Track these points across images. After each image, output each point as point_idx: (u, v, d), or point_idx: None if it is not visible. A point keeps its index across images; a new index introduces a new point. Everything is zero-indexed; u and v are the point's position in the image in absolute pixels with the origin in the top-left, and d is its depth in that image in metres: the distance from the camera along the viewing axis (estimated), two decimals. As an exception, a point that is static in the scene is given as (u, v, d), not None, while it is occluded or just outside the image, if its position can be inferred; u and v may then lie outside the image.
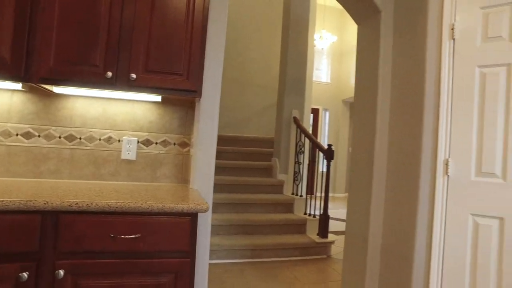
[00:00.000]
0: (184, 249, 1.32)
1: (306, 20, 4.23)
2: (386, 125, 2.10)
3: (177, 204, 1.30)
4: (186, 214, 1.33)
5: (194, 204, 1.32)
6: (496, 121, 1.69)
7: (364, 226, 2.12)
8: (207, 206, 1.33)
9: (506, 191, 1.65)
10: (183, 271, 1.32)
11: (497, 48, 1.69)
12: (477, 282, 1.68)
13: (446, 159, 1.78)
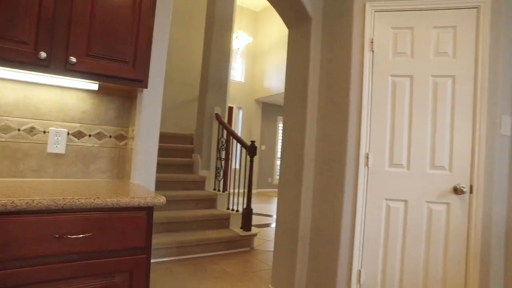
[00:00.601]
0: (140, 245, 1.26)
1: (230, 21, 4.32)
2: (315, 122, 2.32)
3: (133, 198, 1.23)
4: (142, 209, 1.27)
5: (151, 197, 1.27)
6: (403, 122, 2.04)
7: (295, 215, 2.31)
8: (164, 199, 1.30)
9: (409, 179, 2.02)
10: (139, 269, 1.26)
11: (403, 62, 2.05)
12: (388, 250, 2.02)
13: (366, 153, 2.07)
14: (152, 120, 1.67)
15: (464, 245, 1.97)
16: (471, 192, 1.98)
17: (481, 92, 1.97)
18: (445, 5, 2.00)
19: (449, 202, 2.00)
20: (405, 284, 2.00)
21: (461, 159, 1.99)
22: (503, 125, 2.08)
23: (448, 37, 2.02)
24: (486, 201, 1.97)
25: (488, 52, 1.97)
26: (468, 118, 1.99)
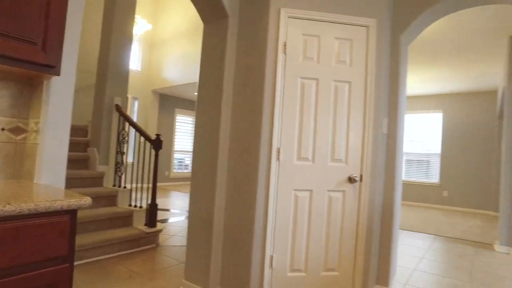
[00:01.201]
0: (62, 254, 1.13)
1: (133, 5, 4.01)
2: (229, 118, 2.40)
3: (54, 201, 1.09)
4: (64, 212, 1.14)
5: (76, 199, 1.15)
6: (310, 120, 2.29)
7: (209, 208, 2.35)
8: (90, 200, 1.19)
9: (314, 171, 2.29)
10: (61, 281, 1.13)
11: (311, 66, 2.30)
12: (296, 235, 2.26)
13: (278, 148, 2.25)
14: (64, 111, 1.48)
15: (355, 224, 2.35)
16: (361, 180, 2.36)
17: (370, 97, 2.36)
18: (344, 21, 2.32)
19: (345, 189, 2.35)
20: (310, 262, 2.27)
21: (354, 153, 2.36)
22: (383, 126, 2.54)
23: (346, 48, 2.35)
24: (372, 187, 2.38)
25: (374, 64, 2.37)
26: (360, 118, 2.37)
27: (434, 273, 3.12)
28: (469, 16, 3.73)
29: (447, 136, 7.78)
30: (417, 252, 3.80)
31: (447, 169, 7.72)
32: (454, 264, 3.44)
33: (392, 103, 2.63)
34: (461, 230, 5.23)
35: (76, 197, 1.16)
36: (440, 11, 2.57)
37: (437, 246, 4.14)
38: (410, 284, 2.82)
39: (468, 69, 5.78)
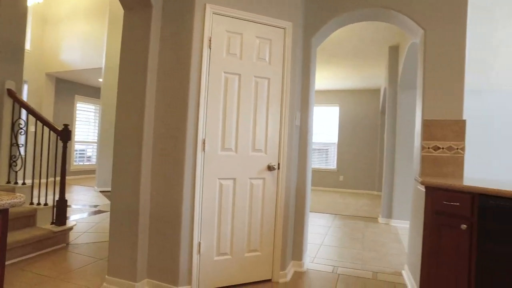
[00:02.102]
0: (-11, 256, 1.04)
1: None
2: (153, 109, 2.38)
3: (-20, 200, 1.00)
4: (-10, 212, 1.05)
5: (9, 196, 1.07)
6: (233, 112, 2.44)
7: (134, 200, 2.31)
8: (24, 198, 1.12)
9: (237, 160, 2.45)
10: (-12, 283, 1.05)
11: (234, 61, 2.43)
12: (221, 221, 2.40)
13: (203, 139, 2.34)
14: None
15: (274, 208, 2.60)
16: (279, 168, 2.62)
17: (286, 93, 2.61)
18: (265, 22, 2.51)
19: (265, 177, 2.57)
20: (235, 245, 2.44)
21: (272, 144, 2.59)
22: (297, 118, 2.84)
23: (266, 47, 2.54)
24: (288, 174, 2.66)
25: (290, 63, 2.63)
26: (277, 112, 2.60)
27: (336, 246, 3.64)
28: (360, 28, 4.34)
29: (342, 127, 8.84)
30: (321, 230, 4.34)
31: (343, 157, 8.80)
32: (351, 237, 4.05)
33: (304, 98, 2.95)
34: (354, 209, 6.10)
35: (11, 195, 1.08)
36: (344, 21, 2.97)
37: (337, 223, 4.78)
38: (318, 257, 3.24)
39: (358, 71, 6.67)
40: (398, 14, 2.68)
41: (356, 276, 2.77)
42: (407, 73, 4.53)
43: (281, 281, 2.58)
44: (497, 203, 1.84)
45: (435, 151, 2.51)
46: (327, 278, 2.70)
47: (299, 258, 2.88)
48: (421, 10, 2.60)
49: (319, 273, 2.80)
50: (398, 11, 2.65)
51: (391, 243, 3.84)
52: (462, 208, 2.00)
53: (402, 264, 3.12)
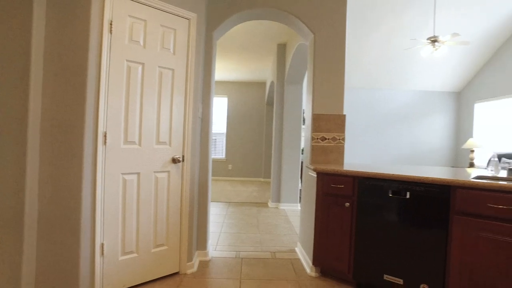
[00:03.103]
0: None
1: None
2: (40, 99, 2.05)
3: None
4: None
5: None
6: (136, 104, 2.31)
7: (16, 199, 1.97)
8: None
9: (141, 154, 2.35)
10: None
11: (137, 49, 2.29)
12: (126, 218, 2.27)
13: (104, 132, 2.15)
14: None
15: (179, 200, 2.59)
16: (183, 160, 2.61)
17: (190, 84, 2.61)
18: (169, 10, 2.43)
19: (170, 170, 2.53)
20: (141, 242, 2.35)
21: (177, 136, 2.56)
22: (199, 110, 2.86)
23: (171, 37, 2.47)
24: (192, 166, 2.68)
25: (194, 54, 2.63)
26: (181, 104, 2.58)
27: (235, 232, 3.84)
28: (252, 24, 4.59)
29: (230, 118, 9.17)
30: (219, 218, 4.49)
31: (231, 146, 9.16)
32: (246, 222, 4.32)
33: (206, 90, 2.99)
34: (245, 195, 6.47)
35: None
36: (244, 17, 3.11)
37: (232, 211, 5.02)
38: (220, 244, 3.37)
39: (247, 64, 7.03)
40: (294, 18, 2.97)
41: (257, 258, 3.01)
42: (294, 70, 5.03)
43: (188, 272, 2.61)
44: (371, 183, 2.29)
45: (322, 141, 2.91)
46: (232, 263, 2.86)
47: (203, 247, 2.95)
48: (312, 16, 2.94)
49: (224, 259, 2.94)
50: (294, 14, 2.94)
51: (283, 224, 4.27)
52: (346, 189, 2.41)
53: (294, 242, 3.53)
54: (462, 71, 7.67)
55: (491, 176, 2.17)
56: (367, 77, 7.72)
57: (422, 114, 8.21)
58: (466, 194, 1.89)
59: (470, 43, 6.23)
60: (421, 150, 8.23)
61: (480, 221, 1.84)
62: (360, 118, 8.06)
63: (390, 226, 2.20)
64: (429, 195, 2.03)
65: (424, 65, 7.40)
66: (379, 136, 8.11)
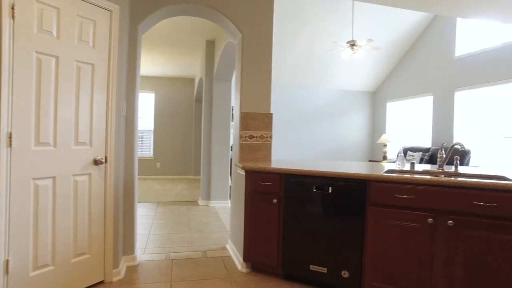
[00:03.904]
0: None
1: None
2: None
3: None
4: None
5: None
6: (50, 101, 2.09)
7: None
8: None
9: (56, 156, 2.14)
10: None
11: (50, 41, 2.07)
12: (39, 228, 2.05)
13: (9, 133, 1.90)
14: None
15: (103, 204, 2.42)
16: (106, 161, 2.44)
17: (112, 81, 2.44)
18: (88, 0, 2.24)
19: (91, 172, 2.35)
20: (58, 253, 2.14)
21: (98, 136, 2.39)
22: (123, 108, 2.70)
23: (90, 29, 2.28)
24: (116, 167, 2.52)
25: (117, 49, 2.46)
26: (103, 101, 2.41)
27: (165, 232, 3.73)
28: (180, 19, 4.47)
29: (158, 114, 8.82)
30: (147, 219, 4.30)
31: (159, 144, 8.82)
32: (177, 221, 4.22)
33: (130, 87, 2.83)
34: (175, 194, 6.31)
35: None
36: (171, 12, 3.00)
37: (161, 211, 4.85)
38: (149, 247, 3.24)
39: (176, 59, 6.82)
40: (222, 16, 2.96)
41: (188, 258, 2.97)
42: (223, 67, 5.02)
43: (115, 279, 2.46)
44: (296, 179, 2.41)
45: (250, 139, 2.98)
46: (162, 266, 2.77)
47: (130, 252, 2.80)
48: (240, 15, 2.96)
49: (153, 263, 2.83)
50: (222, 13, 2.93)
51: (213, 222, 4.26)
52: (273, 186, 2.50)
53: (225, 239, 3.55)
54: (377, 73, 8.49)
55: (398, 170, 2.47)
56: (293, 75, 8.08)
57: (343, 112, 8.90)
58: (378, 187, 2.11)
59: (382, 49, 6.93)
60: (343, 145, 8.93)
61: (390, 210, 2.08)
62: (288, 115, 8.42)
63: (315, 220, 2.35)
64: (349, 189, 2.23)
65: (345, 66, 8.02)
66: (305, 132, 8.58)
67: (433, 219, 1.95)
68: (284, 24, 6.59)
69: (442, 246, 1.94)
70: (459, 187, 1.89)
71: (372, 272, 2.15)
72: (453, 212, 1.90)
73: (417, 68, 7.63)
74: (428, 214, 1.96)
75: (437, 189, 1.94)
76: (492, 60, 5.93)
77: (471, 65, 6.31)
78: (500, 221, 1.80)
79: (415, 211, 2.00)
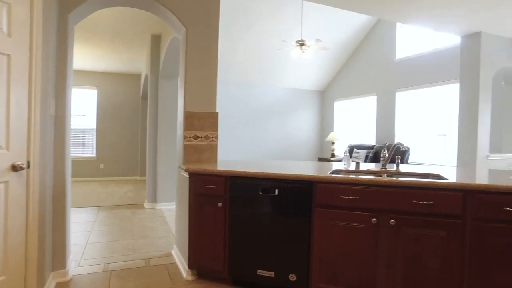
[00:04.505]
0: None
1: None
2: None
3: None
4: None
5: None
6: (-48, 97, 1.77)
7: None
8: None
9: None
10: None
11: (-50, 25, 1.75)
12: None
13: None
14: None
15: (24, 215, 2.13)
16: (29, 167, 2.15)
17: (36, 76, 2.16)
18: (0, -20, 1.93)
19: (8, 180, 2.05)
20: (-35, 276, 1.83)
21: (18, 138, 2.09)
22: (51, 107, 2.42)
23: (3, 13, 1.98)
24: (42, 172, 2.24)
25: (42, 40, 2.18)
26: (24, 99, 2.11)
27: (105, 241, 3.44)
28: (126, 11, 4.16)
29: (101, 112, 8.25)
30: (85, 227, 3.96)
31: (102, 143, 8.26)
32: (119, 227, 3.93)
33: (60, 83, 2.54)
34: (119, 197, 5.92)
35: None
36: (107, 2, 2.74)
37: (102, 216, 4.50)
38: (85, 258, 2.95)
39: (120, 53, 6.39)
40: (165, 10, 2.77)
41: (130, 268, 2.75)
42: (169, 64, 4.79)
43: (40, 299, 2.18)
44: (242, 182, 2.33)
45: (195, 140, 2.83)
46: (98, 279, 2.53)
47: (61, 266, 2.52)
48: (185, 9, 2.80)
49: (89, 276, 2.58)
50: (165, 6, 2.74)
51: (160, 226, 4.04)
52: (218, 189, 2.39)
53: (171, 244, 3.37)
54: (325, 72, 8.73)
55: (344, 170, 2.49)
56: (243, 73, 8.01)
57: (292, 110, 9.03)
58: (324, 188, 2.10)
59: (330, 49, 7.12)
60: (292, 143, 9.07)
61: (335, 211, 2.07)
62: (237, 113, 8.34)
63: (262, 223, 2.29)
64: (295, 191, 2.19)
65: (294, 65, 8.12)
66: (256, 130, 8.56)
67: (377, 219, 1.97)
68: (233, 20, 6.48)
69: (385, 245, 1.97)
70: (400, 186, 1.93)
71: (319, 274, 2.13)
72: (395, 211, 1.95)
73: (362, 69, 7.97)
74: (372, 214, 1.99)
75: (380, 189, 1.97)
76: (425, 64, 6.37)
77: (409, 68, 6.72)
78: (434, 218, 1.87)
79: (359, 212, 2.02)
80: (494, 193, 1.79)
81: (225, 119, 8.16)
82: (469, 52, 4.70)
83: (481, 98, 4.58)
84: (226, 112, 8.16)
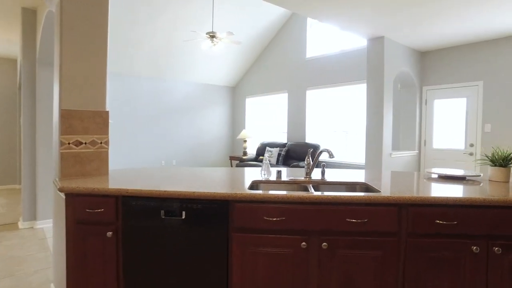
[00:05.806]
0: None
1: None
2: None
3: None
4: None
5: None
6: None
7: None
8: None
9: None
10: None
11: None
12: None
13: None
14: None
15: None
16: None
17: None
18: None
19: None
20: None
21: None
22: None
23: None
24: None
25: None
26: None
27: None
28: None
29: (-39, 105, 6.49)
30: None
31: (-36, 144, 6.52)
32: (-29, 264, 2.93)
33: None
34: (-17, 215, 4.64)
35: None
36: None
37: None
38: None
39: (-18, 30, 5.01)
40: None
41: (-28, 331, 1.95)
42: (47, 46, 3.82)
43: None
44: (139, 203, 1.78)
45: (77, 146, 2.16)
46: None
47: None
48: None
49: None
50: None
51: (36, 254, 3.15)
52: (106, 214, 1.80)
53: (48, 282, 2.59)
54: (236, 68, 8.42)
55: (264, 180, 2.13)
56: (151, 65, 7.20)
57: (204, 106, 8.53)
58: (243, 208, 1.70)
59: (242, 43, 6.81)
60: (204, 141, 8.58)
61: (259, 236, 1.69)
62: (143, 109, 7.48)
63: (167, 255, 1.78)
64: (207, 213, 1.74)
65: (205, 59, 7.61)
66: (165, 128, 7.83)
67: (307, 243, 1.66)
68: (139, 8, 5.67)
69: (318, 272, 1.68)
70: (332, 203, 1.65)
71: (239, 312, 1.74)
72: (327, 231, 1.66)
73: (274, 66, 7.90)
74: (302, 237, 1.67)
75: (310, 207, 1.66)
76: (333, 64, 6.55)
77: (318, 67, 6.84)
78: (370, 237, 1.64)
79: (287, 235, 1.68)
80: (426, 206, 1.63)
81: (129, 118, 7.22)
82: (375, 54, 4.87)
83: (385, 99, 4.80)
84: (129, 110, 7.22)
